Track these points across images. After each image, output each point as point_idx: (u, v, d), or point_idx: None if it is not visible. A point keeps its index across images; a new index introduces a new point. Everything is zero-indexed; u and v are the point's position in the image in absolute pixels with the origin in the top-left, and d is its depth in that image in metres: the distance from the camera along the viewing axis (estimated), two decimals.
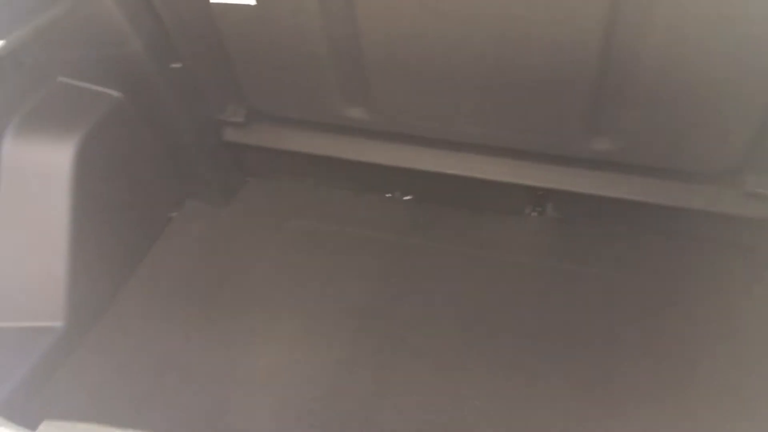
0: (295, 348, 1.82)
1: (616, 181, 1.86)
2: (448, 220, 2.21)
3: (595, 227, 2.10)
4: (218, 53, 1.83)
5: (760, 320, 1.79)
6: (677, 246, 2.00)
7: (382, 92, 1.79)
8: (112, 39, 1.71)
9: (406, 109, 1.84)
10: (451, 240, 2.13)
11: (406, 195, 2.33)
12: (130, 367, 1.79)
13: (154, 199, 2.09)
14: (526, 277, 1.99)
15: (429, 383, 1.72)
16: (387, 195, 2.33)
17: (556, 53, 1.54)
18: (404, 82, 1.73)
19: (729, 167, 1.70)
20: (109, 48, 1.74)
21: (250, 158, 2.27)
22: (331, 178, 2.30)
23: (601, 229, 2.09)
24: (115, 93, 1.85)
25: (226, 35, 1.76)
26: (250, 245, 2.13)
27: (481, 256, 2.06)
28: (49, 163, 1.71)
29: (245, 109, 2.06)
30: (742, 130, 1.58)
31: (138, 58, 1.75)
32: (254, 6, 1.63)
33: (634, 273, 1.95)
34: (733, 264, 1.94)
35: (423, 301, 1.93)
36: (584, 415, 1.63)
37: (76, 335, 1.79)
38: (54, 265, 1.74)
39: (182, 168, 2.13)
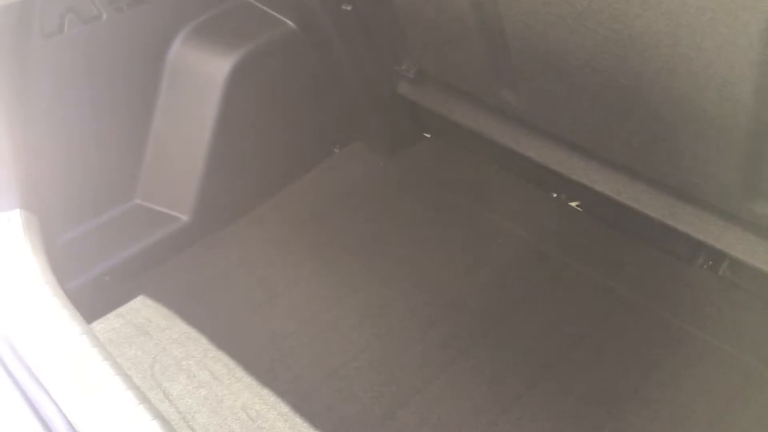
0: (365, 319, 1.79)
1: None
2: (604, 242, 1.96)
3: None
4: (387, 4, 1.78)
5: None
6: None
7: (526, 78, 1.62)
8: None
9: (550, 105, 1.64)
10: (595, 264, 1.89)
11: (573, 200, 2.11)
12: (230, 279, 1.91)
13: (315, 130, 2.16)
14: (659, 339, 1.69)
15: (463, 410, 1.58)
16: (553, 194, 2.13)
17: (706, 83, 1.25)
18: (545, 75, 1.54)
19: None
20: None
21: (425, 116, 2.22)
22: (500, 159, 2.16)
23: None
24: (290, 23, 1.91)
25: None
26: (390, 202, 2.11)
27: (621, 298, 1.79)
28: (209, 68, 1.84)
29: (416, 66, 2.00)
30: None
31: None
32: None
33: None
34: None
35: (523, 327, 1.74)
36: None
37: (196, 233, 1.95)
38: (194, 164, 1.90)
39: (352, 109, 2.16)
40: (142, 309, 1.83)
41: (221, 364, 1.69)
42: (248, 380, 1.65)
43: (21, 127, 1.55)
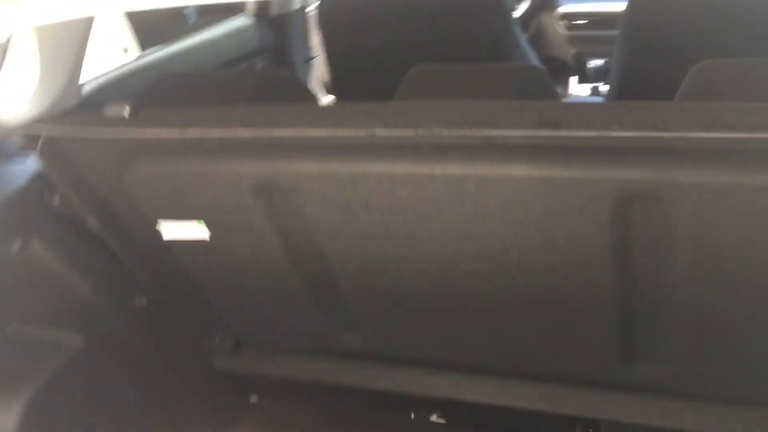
0: None
1: (668, 409, 1.49)
2: None
3: None
4: (187, 284, 1.62)
5: None
6: None
7: (369, 319, 1.53)
8: (61, 283, 1.53)
9: (404, 335, 1.56)
10: None
11: (434, 416, 2.00)
12: None
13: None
14: None
15: None
16: (411, 415, 2.00)
17: (566, 273, 1.24)
18: (391, 309, 1.47)
19: None
20: (63, 293, 1.55)
21: (251, 382, 2.01)
22: (345, 400, 2.00)
23: None
24: (78, 338, 1.63)
25: (190, 267, 1.56)
26: None
27: None
28: None
29: (233, 336, 1.82)
30: None
31: (92, 299, 1.56)
32: (210, 241, 1.42)
33: None
34: None
35: None
36: None
37: None
38: None
39: (174, 401, 1.88)
40: None
41: None
42: None
43: None
